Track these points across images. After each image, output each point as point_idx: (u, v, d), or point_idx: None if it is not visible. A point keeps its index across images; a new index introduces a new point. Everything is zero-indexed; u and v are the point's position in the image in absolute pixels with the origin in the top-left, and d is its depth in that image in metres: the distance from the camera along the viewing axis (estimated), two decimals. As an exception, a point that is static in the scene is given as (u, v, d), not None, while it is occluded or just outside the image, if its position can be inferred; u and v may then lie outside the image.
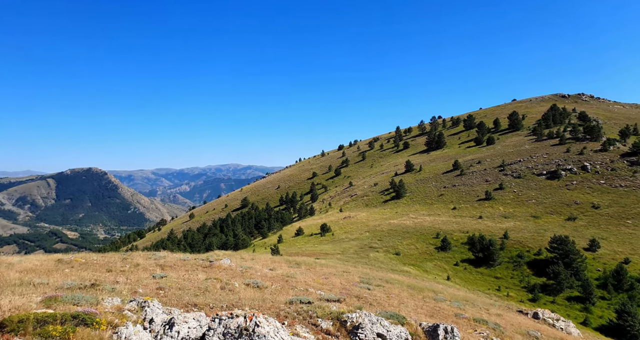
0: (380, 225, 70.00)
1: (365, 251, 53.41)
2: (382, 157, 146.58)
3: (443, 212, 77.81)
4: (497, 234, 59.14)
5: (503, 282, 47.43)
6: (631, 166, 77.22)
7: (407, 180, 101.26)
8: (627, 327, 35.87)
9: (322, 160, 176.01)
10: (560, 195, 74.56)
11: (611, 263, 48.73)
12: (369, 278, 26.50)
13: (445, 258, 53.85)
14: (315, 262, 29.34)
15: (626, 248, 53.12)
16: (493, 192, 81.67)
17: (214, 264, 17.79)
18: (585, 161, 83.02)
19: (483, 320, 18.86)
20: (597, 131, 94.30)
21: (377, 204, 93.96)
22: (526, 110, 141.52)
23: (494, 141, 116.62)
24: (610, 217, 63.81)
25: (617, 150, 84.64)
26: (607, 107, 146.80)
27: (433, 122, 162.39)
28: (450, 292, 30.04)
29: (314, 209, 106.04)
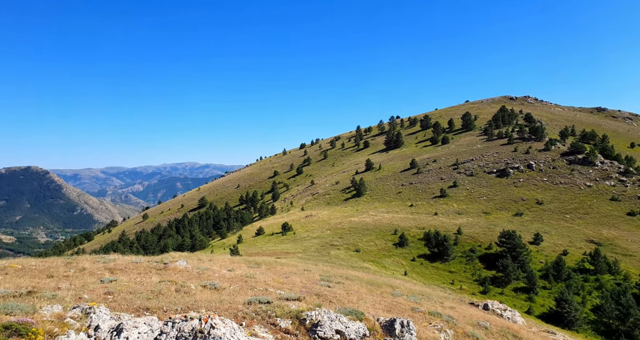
0: (341, 223, 70.86)
1: (327, 249, 53.85)
2: (344, 156, 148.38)
3: (401, 209, 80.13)
4: (451, 230, 61.78)
5: (457, 276, 49.65)
6: (569, 165, 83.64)
7: (368, 179, 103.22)
8: (565, 313, 38.87)
9: (284, 158, 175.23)
10: (508, 192, 79.23)
11: (552, 255, 52.49)
12: (329, 276, 26.69)
13: (403, 254, 55.52)
14: (276, 261, 29.13)
15: (565, 241, 57.50)
16: (447, 189, 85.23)
17: (168, 266, 17.11)
18: (530, 160, 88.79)
19: (437, 313, 19.60)
20: (540, 132, 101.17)
21: (339, 202, 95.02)
22: (478, 111, 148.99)
23: (449, 141, 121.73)
24: (552, 212, 68.75)
25: (557, 149, 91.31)
26: (549, 109, 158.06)
27: (392, 122, 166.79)
28: (407, 286, 30.93)
29: (275, 208, 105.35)
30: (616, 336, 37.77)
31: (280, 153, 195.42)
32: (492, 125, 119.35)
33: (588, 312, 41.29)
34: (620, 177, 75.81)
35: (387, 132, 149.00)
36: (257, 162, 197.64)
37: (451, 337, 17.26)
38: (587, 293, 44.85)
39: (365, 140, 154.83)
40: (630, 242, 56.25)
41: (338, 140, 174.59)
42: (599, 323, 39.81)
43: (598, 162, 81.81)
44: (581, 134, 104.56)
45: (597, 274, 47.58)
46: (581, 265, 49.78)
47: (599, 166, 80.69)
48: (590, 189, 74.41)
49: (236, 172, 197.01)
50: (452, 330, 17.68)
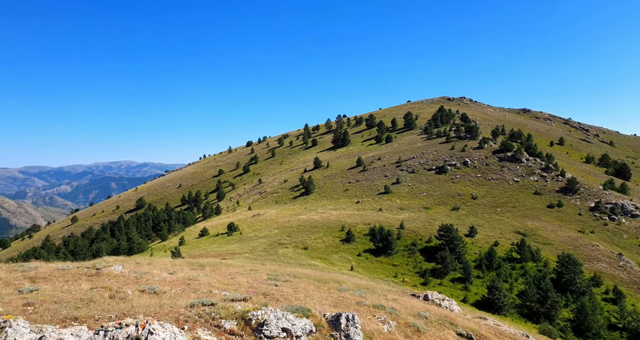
0: (289, 222, 70.74)
1: (275, 248, 53.48)
2: (292, 154, 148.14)
3: (348, 206, 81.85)
4: (395, 225, 64.28)
5: (399, 269, 51.81)
6: (500, 162, 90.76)
7: (316, 177, 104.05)
8: (495, 300, 42.22)
9: (230, 157, 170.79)
10: (446, 188, 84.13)
11: (485, 246, 56.63)
12: (276, 274, 26.52)
13: (350, 249, 56.79)
14: (221, 262, 28.36)
15: (496, 232, 62.36)
16: (391, 186, 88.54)
17: (102, 272, 15.92)
18: (466, 157, 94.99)
19: (381, 305, 20.26)
20: (475, 131, 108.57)
21: (287, 200, 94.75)
22: (419, 111, 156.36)
23: (392, 139, 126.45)
24: (485, 206, 74.19)
25: (490, 147, 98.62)
26: (482, 109, 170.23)
27: (339, 121, 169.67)
28: (353, 281, 31.64)
29: (220, 208, 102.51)
30: (537, 317, 41.78)
31: (225, 151, 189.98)
32: (432, 124, 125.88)
33: (514, 298, 45.19)
34: (542, 173, 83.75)
35: (335, 131, 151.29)
36: (201, 161, 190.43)
37: (394, 328, 17.95)
38: (514, 280, 49.04)
39: (313, 138, 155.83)
40: (549, 231, 62.41)
41: (286, 138, 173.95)
42: (523, 307, 43.75)
43: (524, 159, 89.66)
44: (510, 133, 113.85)
45: (523, 262, 52.18)
46: (509, 255, 54.27)
47: (524, 163, 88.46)
48: (518, 184, 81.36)
49: (177, 171, 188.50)
50: (394, 321, 18.39)
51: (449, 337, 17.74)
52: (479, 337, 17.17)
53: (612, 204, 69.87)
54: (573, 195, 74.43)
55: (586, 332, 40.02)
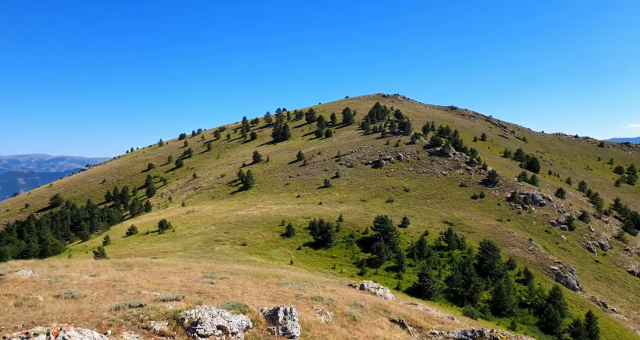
0: (227, 218, 68.89)
1: (211, 245, 51.77)
2: (230, 148, 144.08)
3: (288, 201, 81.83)
4: (334, 218, 65.64)
5: (338, 261, 53.10)
6: (430, 156, 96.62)
7: (255, 171, 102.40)
8: (425, 286, 45.11)
9: (161, 150, 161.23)
10: (382, 181, 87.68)
11: (416, 236, 60.05)
12: (212, 272, 25.73)
13: (290, 244, 56.91)
14: (152, 261, 26.77)
15: (426, 222, 66.41)
16: (331, 180, 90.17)
17: (5, 278, 14.13)
18: (400, 152, 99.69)
19: (319, 297, 20.58)
20: (407, 127, 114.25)
21: (225, 195, 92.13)
22: (356, 106, 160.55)
23: (332, 134, 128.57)
24: (417, 198, 78.60)
25: (421, 142, 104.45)
26: (414, 106, 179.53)
27: (278, 114, 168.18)
28: (292, 275, 31.74)
29: (150, 205, 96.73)
30: (461, 301, 45.43)
31: (156, 144, 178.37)
32: (368, 120, 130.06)
33: (442, 283, 48.64)
34: (467, 167, 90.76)
35: (274, 125, 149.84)
36: (128, 154, 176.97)
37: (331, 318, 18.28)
38: (442, 267, 52.74)
39: (252, 132, 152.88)
40: (473, 221, 67.97)
41: (223, 131, 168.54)
42: (449, 291, 47.26)
43: (451, 153, 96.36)
44: (439, 129, 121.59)
45: (450, 250, 56.25)
46: (438, 243, 58.15)
47: (452, 157, 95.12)
48: (446, 177, 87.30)
49: (101, 165, 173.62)
50: (332, 311, 18.77)
51: (382, 324, 18.53)
52: (410, 322, 18.18)
53: (524, 195, 77.93)
54: (493, 187, 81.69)
55: (502, 311, 44.39)
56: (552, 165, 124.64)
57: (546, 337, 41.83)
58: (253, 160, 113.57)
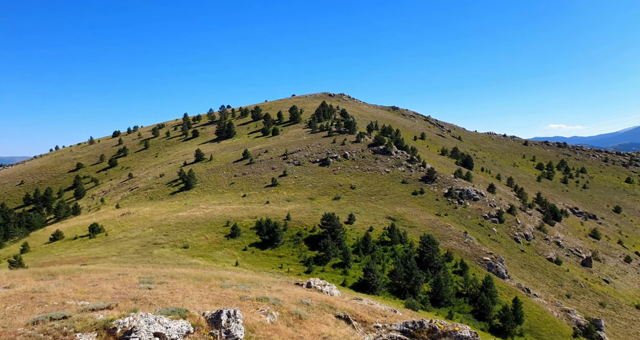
0: (167, 219, 65.45)
1: (149, 249, 48.80)
2: (170, 146, 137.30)
3: (234, 200, 79.78)
4: (282, 217, 65.13)
5: (285, 260, 52.75)
6: (374, 154, 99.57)
7: (198, 170, 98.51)
8: (370, 281, 46.34)
9: (91, 148, 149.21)
10: (329, 179, 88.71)
11: (362, 232, 61.47)
12: (150, 277, 24.27)
13: (235, 244, 55.47)
14: (80, 269, 24.56)
15: (371, 219, 68.26)
16: (278, 178, 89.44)
17: None
18: (346, 150, 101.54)
19: (265, 297, 20.26)
20: (353, 126, 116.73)
21: (164, 196, 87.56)
22: (303, 105, 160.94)
23: (279, 132, 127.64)
24: (362, 195, 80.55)
25: (366, 141, 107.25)
26: (359, 106, 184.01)
27: (222, 111, 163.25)
28: (238, 276, 30.94)
29: (79, 208, 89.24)
30: (403, 293, 47.31)
31: (86, 142, 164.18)
32: (315, 118, 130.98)
33: (386, 277, 50.28)
34: (408, 164, 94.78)
35: (218, 122, 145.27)
36: (52, 153, 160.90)
37: (277, 318, 18.01)
38: (386, 261, 54.52)
39: (194, 129, 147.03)
40: (414, 216, 71.12)
41: (162, 128, 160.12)
42: (393, 285, 49.00)
43: (393, 152, 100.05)
44: (382, 128, 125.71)
45: (393, 245, 58.31)
46: (382, 238, 60.02)
47: (394, 155, 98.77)
48: (389, 174, 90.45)
49: (18, 164, 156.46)
50: (278, 311, 18.51)
51: (328, 321, 18.61)
52: (355, 317, 18.44)
53: (460, 190, 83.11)
54: (432, 183, 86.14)
55: (440, 301, 46.92)
56: (484, 162, 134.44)
57: (479, 323, 44.94)
58: (195, 158, 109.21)
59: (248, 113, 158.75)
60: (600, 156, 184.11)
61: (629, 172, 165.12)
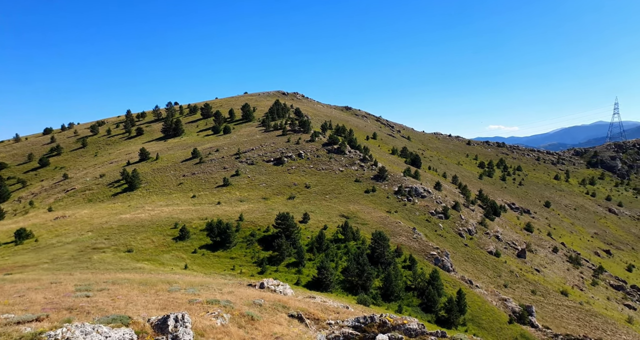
0: (108, 222, 61.38)
1: (87, 254, 45.43)
2: (111, 144, 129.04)
3: (182, 201, 76.71)
4: (234, 217, 63.69)
5: (237, 261, 51.62)
6: (328, 153, 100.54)
7: (143, 170, 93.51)
8: (324, 278, 46.70)
9: (17, 147, 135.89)
10: (283, 178, 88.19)
11: (316, 230, 61.78)
12: (89, 284, 22.65)
13: (184, 247, 53.32)
14: (4, 279, 22.32)
15: (325, 217, 68.85)
16: (230, 178, 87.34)
17: None
18: (300, 149, 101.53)
19: (216, 300, 19.72)
20: (307, 125, 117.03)
21: (105, 198, 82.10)
22: (256, 103, 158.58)
23: (230, 130, 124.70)
24: (317, 194, 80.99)
25: (320, 140, 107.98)
26: (313, 105, 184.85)
27: (169, 108, 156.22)
28: (187, 280, 29.84)
29: (3, 212, 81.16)
30: (356, 290, 48.23)
31: (10, 139, 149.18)
32: (269, 117, 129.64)
33: (339, 274, 50.94)
34: (361, 163, 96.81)
35: (165, 119, 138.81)
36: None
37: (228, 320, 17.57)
38: (339, 258, 55.23)
39: (138, 127, 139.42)
40: (366, 213, 72.76)
41: (102, 125, 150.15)
42: (345, 282, 49.75)
43: (347, 151, 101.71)
44: (336, 128, 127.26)
45: (346, 242, 59.21)
46: (336, 236, 60.74)
47: (347, 154, 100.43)
48: (342, 173, 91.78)
49: None
50: (229, 314, 18.08)
51: (281, 320, 18.45)
52: (308, 315, 18.44)
53: (409, 188, 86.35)
54: (383, 182, 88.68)
55: (390, 296, 48.41)
56: (431, 161, 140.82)
57: (427, 315, 46.97)
58: (140, 158, 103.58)
59: (197, 110, 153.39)
60: (534, 155, 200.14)
61: (557, 170, 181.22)
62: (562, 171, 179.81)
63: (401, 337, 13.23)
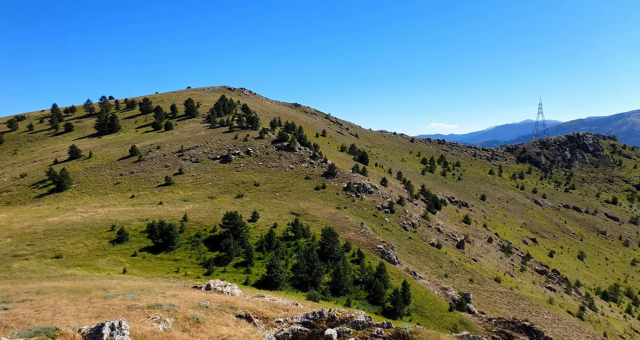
0: (31, 226, 55.59)
1: (6, 262, 40.74)
2: (34, 141, 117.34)
3: (120, 202, 71.75)
4: (178, 218, 60.81)
5: (182, 263, 49.33)
6: (278, 151, 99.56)
7: (74, 169, 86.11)
8: (273, 277, 46.17)
9: None
10: (231, 176, 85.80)
11: (266, 229, 60.86)
12: (7, 295, 20.36)
13: (122, 250, 49.81)
14: None
15: (275, 215, 68.11)
16: (173, 177, 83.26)
17: None
18: (249, 147, 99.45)
19: (158, 304, 18.70)
20: (255, 122, 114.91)
21: (28, 200, 74.44)
22: (200, 98, 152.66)
23: (173, 127, 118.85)
24: (266, 192, 79.84)
25: (269, 137, 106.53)
26: (261, 102, 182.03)
27: (104, 103, 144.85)
28: (125, 285, 28.05)
29: None
30: (306, 286, 48.30)
31: None
32: (215, 113, 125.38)
33: (289, 272, 50.66)
34: (311, 160, 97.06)
35: (99, 115, 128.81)
36: None
37: (171, 325, 16.66)
38: (289, 256, 54.95)
39: (67, 122, 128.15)
40: (316, 210, 73.11)
41: (22, 120, 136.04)
42: (295, 279, 49.62)
43: (297, 148, 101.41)
44: (285, 124, 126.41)
45: (296, 239, 59.04)
46: (286, 234, 60.33)
47: (297, 152, 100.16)
48: (292, 170, 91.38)
49: None
50: (172, 318, 17.16)
51: (228, 321, 17.81)
52: (256, 314, 17.95)
53: (357, 184, 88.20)
54: (333, 179, 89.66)
55: (339, 290, 49.07)
56: (377, 158, 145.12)
57: (374, 307, 48.26)
58: (70, 156, 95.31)
59: (136, 105, 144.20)
60: (471, 152, 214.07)
61: (491, 165, 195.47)
62: (496, 166, 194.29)
63: (349, 330, 13.29)
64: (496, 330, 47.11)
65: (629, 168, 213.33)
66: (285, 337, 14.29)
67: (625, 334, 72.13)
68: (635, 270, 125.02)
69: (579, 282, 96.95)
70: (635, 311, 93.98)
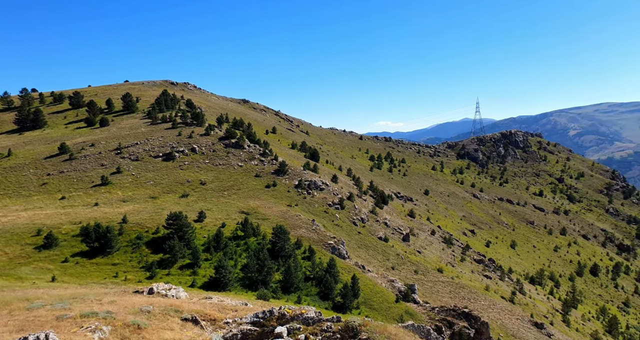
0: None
1: None
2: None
3: (47, 204, 65.48)
4: (116, 220, 56.81)
5: (121, 267, 46.10)
6: (226, 148, 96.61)
7: (-8, 169, 77.18)
8: (221, 278, 44.73)
9: None
10: (175, 175, 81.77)
11: (213, 229, 58.78)
12: None
13: (51, 257, 45.39)
14: None
15: (223, 215, 66.02)
16: (110, 176, 77.66)
17: None
18: (194, 144, 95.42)
19: (93, 312, 17.46)
20: (201, 118, 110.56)
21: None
22: (140, 93, 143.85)
23: (109, 123, 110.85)
24: (214, 191, 77.13)
25: (216, 134, 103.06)
26: (207, 97, 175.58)
27: (25, 96, 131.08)
28: (54, 293, 25.61)
29: None
30: (256, 285, 47.41)
31: None
32: (156, 108, 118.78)
33: (238, 272, 49.40)
34: (261, 158, 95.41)
35: (20, 109, 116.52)
36: None
37: (108, 333, 15.50)
38: (239, 256, 53.58)
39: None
40: (267, 208, 72.04)
41: None
42: (245, 278, 48.53)
43: (246, 145, 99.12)
44: (233, 121, 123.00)
45: (246, 239, 57.71)
46: (235, 233, 58.73)
47: (246, 149, 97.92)
48: (242, 168, 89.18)
49: None
50: (110, 325, 16.04)
51: (173, 325, 16.80)
52: (203, 317, 17.12)
53: (309, 181, 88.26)
54: (284, 176, 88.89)
55: (290, 287, 48.79)
56: (328, 155, 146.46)
57: (324, 303, 48.61)
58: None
59: (64, 99, 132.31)
60: (415, 149, 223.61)
61: (434, 161, 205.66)
62: (438, 162, 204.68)
63: (299, 326, 13.09)
64: (439, 318, 49.59)
65: (552, 163, 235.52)
66: (234, 337, 13.74)
67: (548, 314, 79.68)
68: (557, 256, 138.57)
69: (511, 269, 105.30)
70: (556, 293, 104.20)
